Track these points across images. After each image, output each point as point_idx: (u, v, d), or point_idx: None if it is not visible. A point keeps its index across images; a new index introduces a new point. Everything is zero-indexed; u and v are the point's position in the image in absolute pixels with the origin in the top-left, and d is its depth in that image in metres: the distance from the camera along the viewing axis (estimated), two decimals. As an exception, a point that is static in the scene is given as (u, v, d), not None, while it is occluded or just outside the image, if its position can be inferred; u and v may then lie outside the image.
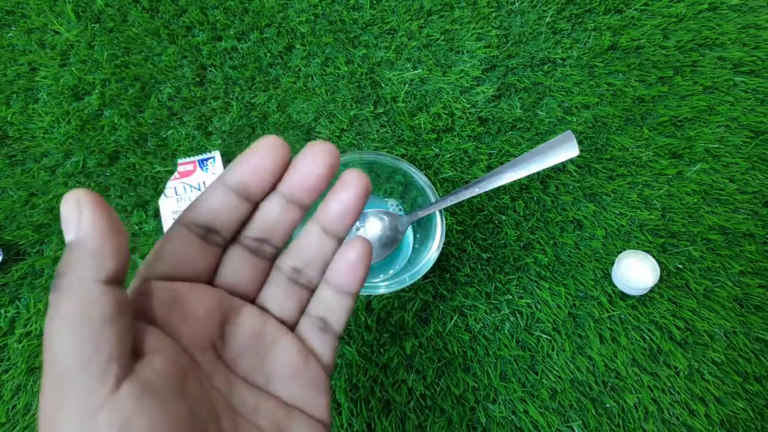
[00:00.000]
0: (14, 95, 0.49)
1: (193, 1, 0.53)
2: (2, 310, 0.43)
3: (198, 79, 0.51)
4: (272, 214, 0.19)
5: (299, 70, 0.51)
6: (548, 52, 0.53)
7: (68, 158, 0.47)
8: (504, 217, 0.47)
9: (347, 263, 0.20)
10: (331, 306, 0.21)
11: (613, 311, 0.44)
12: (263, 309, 0.21)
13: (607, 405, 0.41)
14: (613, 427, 0.40)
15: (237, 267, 0.20)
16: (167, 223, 0.44)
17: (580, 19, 0.54)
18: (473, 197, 0.46)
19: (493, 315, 0.43)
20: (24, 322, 0.42)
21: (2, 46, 0.51)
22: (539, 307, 0.44)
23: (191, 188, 0.45)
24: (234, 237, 0.20)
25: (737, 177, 0.48)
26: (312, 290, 0.21)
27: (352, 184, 0.19)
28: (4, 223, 0.45)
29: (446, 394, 0.41)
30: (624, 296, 0.44)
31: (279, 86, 0.51)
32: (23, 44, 0.51)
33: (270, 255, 0.20)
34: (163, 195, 0.45)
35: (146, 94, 0.50)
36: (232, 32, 0.52)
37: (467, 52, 0.53)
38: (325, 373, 0.21)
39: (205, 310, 0.18)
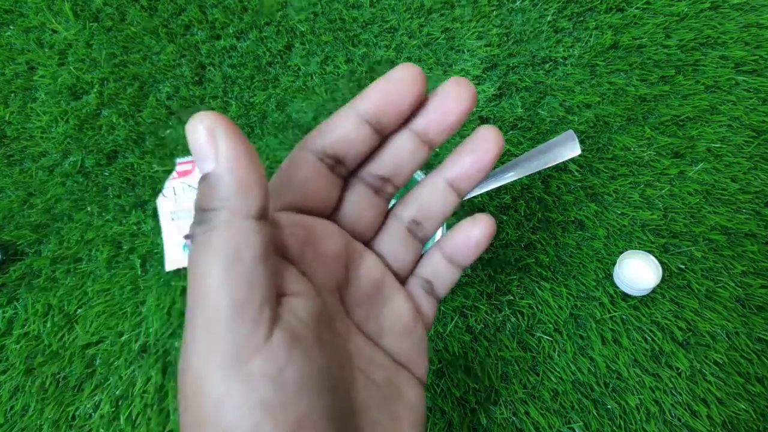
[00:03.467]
0: (12, 94, 0.49)
1: (192, 0, 0.53)
2: (0, 311, 0.42)
3: (197, 78, 0.50)
4: (402, 151, 0.18)
5: (298, 69, 0.51)
6: (549, 51, 0.52)
7: (66, 158, 0.47)
8: (505, 217, 0.46)
9: (470, 241, 0.19)
10: (440, 273, 0.20)
11: (615, 312, 0.43)
12: (380, 257, 0.20)
13: (609, 406, 0.41)
14: (614, 428, 0.40)
15: (359, 205, 0.19)
16: (166, 222, 0.44)
17: (582, 18, 0.54)
18: (474, 197, 0.46)
19: (494, 316, 0.43)
20: (22, 322, 0.42)
21: (0, 45, 0.51)
22: (540, 307, 0.43)
23: (190, 188, 0.45)
24: (356, 171, 0.18)
25: (739, 177, 0.48)
26: (423, 244, 0.20)
27: (490, 141, 0.18)
28: (2, 223, 0.45)
29: (447, 395, 0.40)
30: (626, 297, 0.44)
31: (278, 85, 0.50)
32: (21, 43, 0.51)
33: (389, 196, 0.19)
34: (161, 195, 0.45)
35: (145, 93, 0.50)
36: (231, 31, 0.52)
37: (468, 50, 0.52)
38: (427, 338, 0.20)
39: (335, 251, 0.17)
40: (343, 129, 0.17)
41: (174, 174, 0.45)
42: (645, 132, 0.50)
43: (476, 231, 0.19)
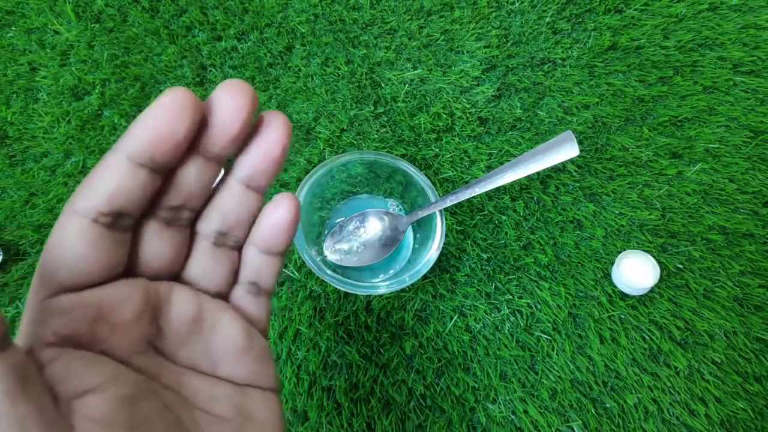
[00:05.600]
0: (14, 95, 0.49)
1: (193, 1, 0.53)
2: (2, 310, 0.43)
3: (198, 79, 0.51)
4: (189, 178, 0.16)
5: (299, 70, 0.51)
6: (548, 52, 0.53)
7: (68, 158, 0.47)
8: (504, 217, 0.47)
9: (275, 223, 0.18)
10: (262, 269, 0.19)
11: (613, 311, 0.44)
12: (193, 284, 0.18)
13: (607, 405, 0.41)
14: (613, 427, 0.40)
15: (154, 245, 0.17)
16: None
17: (580, 19, 0.54)
18: (473, 197, 0.46)
19: (493, 315, 0.43)
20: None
21: (2, 46, 0.51)
22: (539, 307, 0.44)
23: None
24: (144, 212, 0.16)
25: (737, 177, 0.48)
26: (240, 249, 0.19)
27: (273, 129, 0.17)
28: (4, 223, 0.45)
29: (446, 394, 0.41)
30: (624, 296, 0.44)
31: (279, 86, 0.51)
32: (23, 44, 0.51)
33: (188, 221, 0.17)
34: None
35: (146, 94, 0.50)
36: (232, 32, 0.52)
37: (467, 52, 0.53)
38: (267, 342, 0.20)
39: (133, 311, 0.16)
40: (115, 180, 0.14)
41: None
42: (643, 132, 0.50)
43: (279, 213, 0.18)
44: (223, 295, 0.19)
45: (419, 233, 0.43)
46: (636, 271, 0.42)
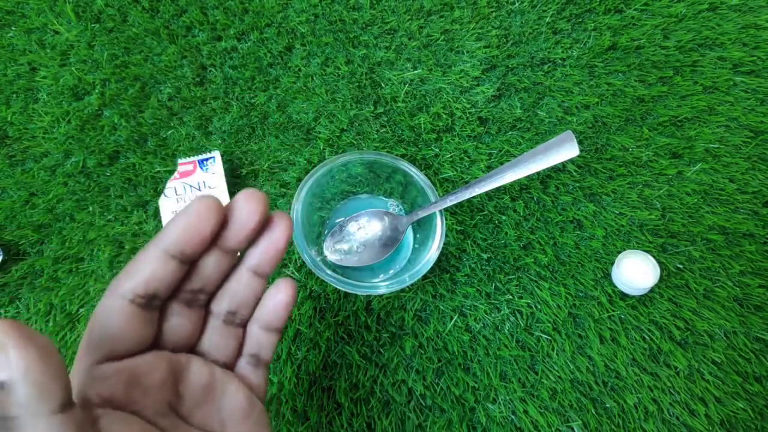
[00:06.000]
0: (14, 95, 0.49)
1: (193, 1, 0.53)
2: (2, 310, 0.43)
3: (198, 79, 0.51)
4: (209, 267, 0.20)
5: (299, 70, 0.51)
6: (548, 52, 0.53)
7: (68, 158, 0.47)
8: (504, 217, 0.47)
9: (277, 305, 0.22)
10: (263, 343, 0.22)
11: (613, 311, 0.44)
12: (206, 356, 0.22)
13: (607, 405, 0.41)
14: (613, 427, 0.40)
15: (177, 323, 0.20)
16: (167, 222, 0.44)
17: (580, 19, 0.54)
18: (473, 197, 0.46)
19: (493, 315, 0.43)
20: (24, 322, 0.42)
21: (2, 46, 0.51)
22: (539, 307, 0.44)
23: (191, 188, 0.45)
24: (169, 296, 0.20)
25: (737, 177, 0.48)
26: (245, 326, 0.23)
27: (278, 227, 0.20)
28: (4, 223, 0.45)
29: (446, 394, 0.41)
30: (624, 296, 0.44)
31: (279, 86, 0.51)
32: (23, 44, 0.51)
33: (204, 302, 0.21)
34: (163, 195, 0.45)
35: (146, 94, 0.50)
36: (232, 32, 0.52)
37: (467, 52, 0.52)
38: (265, 408, 0.23)
39: (161, 378, 0.19)
40: (151, 268, 0.18)
41: (176, 174, 0.45)
42: (643, 132, 0.50)
43: (282, 295, 0.22)
44: (230, 366, 0.22)
45: (419, 233, 0.43)
46: (636, 271, 0.42)
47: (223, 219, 0.19)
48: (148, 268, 0.18)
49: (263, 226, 0.21)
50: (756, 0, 0.56)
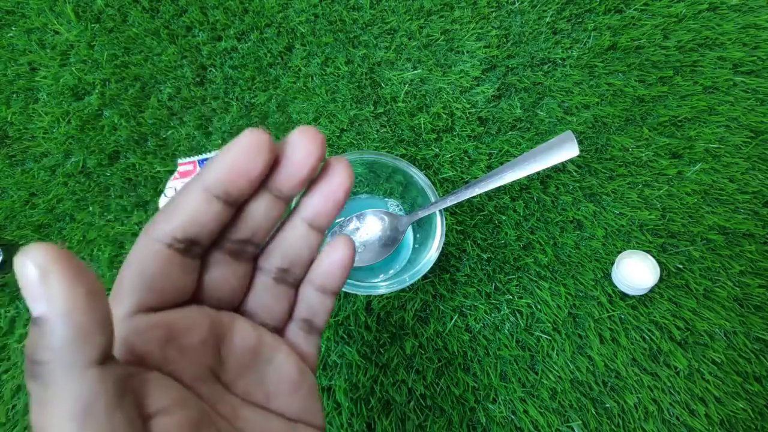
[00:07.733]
0: (14, 95, 0.49)
1: (193, 1, 0.53)
2: (2, 310, 0.43)
3: (198, 79, 0.51)
4: (258, 213, 0.17)
5: (299, 70, 0.51)
6: (548, 52, 0.53)
7: (68, 158, 0.47)
8: (504, 217, 0.47)
9: (334, 264, 0.19)
10: (316, 307, 0.20)
11: (613, 311, 0.44)
12: (252, 317, 0.19)
13: (607, 405, 0.41)
14: (613, 427, 0.40)
15: (220, 276, 0.17)
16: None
17: (580, 19, 0.54)
18: (473, 197, 0.46)
19: (493, 315, 0.43)
20: (24, 321, 0.42)
21: (2, 46, 0.51)
22: (539, 307, 0.44)
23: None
24: (212, 244, 0.17)
25: (737, 177, 0.48)
26: (297, 287, 0.20)
27: (337, 173, 0.17)
28: (4, 223, 0.45)
29: (446, 394, 0.41)
30: (624, 296, 0.44)
31: (279, 86, 0.51)
32: (23, 44, 0.51)
33: (252, 255, 0.18)
34: (163, 195, 0.45)
35: (146, 94, 0.50)
36: (232, 32, 0.52)
37: (467, 52, 0.53)
38: (316, 380, 0.20)
39: (201, 337, 0.16)
40: (191, 209, 0.15)
41: (176, 174, 0.45)
42: (643, 132, 0.50)
43: (339, 254, 0.19)
44: (279, 331, 0.20)
45: (419, 233, 0.43)
46: (636, 271, 0.42)
47: (275, 158, 0.16)
48: (188, 208, 0.15)
49: (320, 172, 0.18)
50: (756, 0, 0.56)
